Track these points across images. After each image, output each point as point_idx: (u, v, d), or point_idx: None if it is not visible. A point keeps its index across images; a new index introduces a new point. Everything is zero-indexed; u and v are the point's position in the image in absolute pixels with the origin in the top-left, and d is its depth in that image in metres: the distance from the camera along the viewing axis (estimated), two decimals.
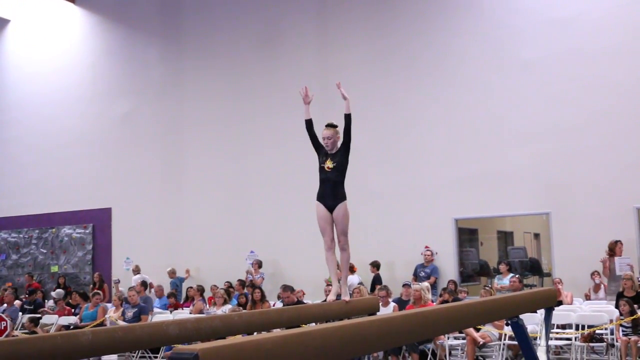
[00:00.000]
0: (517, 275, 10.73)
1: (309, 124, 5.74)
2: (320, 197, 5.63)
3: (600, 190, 11.41)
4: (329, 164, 5.56)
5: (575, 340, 8.99)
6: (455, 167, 12.42)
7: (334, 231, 5.59)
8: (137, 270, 14.90)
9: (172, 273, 14.55)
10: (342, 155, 5.55)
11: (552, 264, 11.69)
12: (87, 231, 16.31)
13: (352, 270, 12.32)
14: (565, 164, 11.68)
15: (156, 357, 10.65)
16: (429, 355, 9.18)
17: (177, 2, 15.82)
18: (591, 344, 9.03)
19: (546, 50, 12.02)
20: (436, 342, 9.16)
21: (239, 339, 2.62)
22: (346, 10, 13.82)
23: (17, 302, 13.41)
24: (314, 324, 5.76)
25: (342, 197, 5.58)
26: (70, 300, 13.48)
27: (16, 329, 11.80)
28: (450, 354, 9.27)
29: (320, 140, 5.63)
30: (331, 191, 5.56)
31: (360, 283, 11.66)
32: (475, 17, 12.70)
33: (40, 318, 12.26)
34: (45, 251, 16.85)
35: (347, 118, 5.55)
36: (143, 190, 15.54)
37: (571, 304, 10.20)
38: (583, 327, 9.07)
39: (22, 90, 17.59)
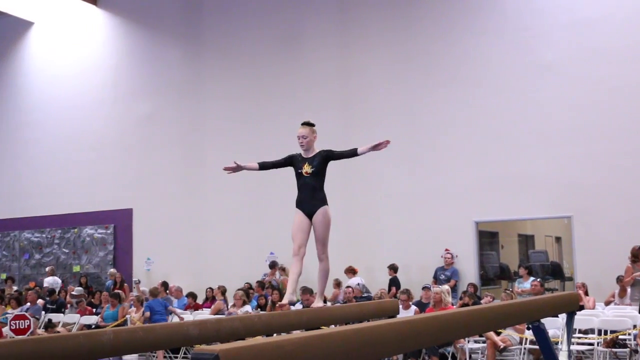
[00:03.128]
0: (538, 279, 10.66)
1: (264, 167, 5.59)
2: (299, 204, 5.38)
3: (623, 193, 11.30)
4: (307, 169, 5.34)
5: (598, 345, 8.91)
6: (476, 169, 12.36)
7: (306, 239, 5.28)
8: (51, 273, 15.51)
9: (112, 275, 15.01)
10: (320, 161, 5.32)
11: (573, 268, 11.58)
12: (109, 231, 16.44)
13: (353, 272, 12.34)
14: (587, 167, 11.58)
15: (176, 357, 10.71)
16: (449, 359, 9.14)
17: (198, 3, 15.90)
18: (614, 350, 8.94)
19: (569, 52, 11.92)
20: (456, 345, 9.12)
21: (259, 340, 2.62)
22: (367, 12, 13.80)
23: (40, 301, 13.55)
24: (333, 326, 5.76)
25: (323, 202, 5.33)
26: (92, 300, 13.59)
27: (39, 328, 11.93)
28: (470, 357, 9.23)
29: (284, 159, 5.44)
30: (310, 197, 5.32)
31: (358, 284, 11.65)
32: (497, 19, 12.63)
33: (52, 324, 12.29)
34: (67, 251, 17.00)
35: (354, 154, 5.32)
36: (164, 191, 15.63)
37: (593, 308, 10.09)
38: (606, 332, 8.98)
39: (46, 91, 17.76)
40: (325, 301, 9.66)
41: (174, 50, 16.09)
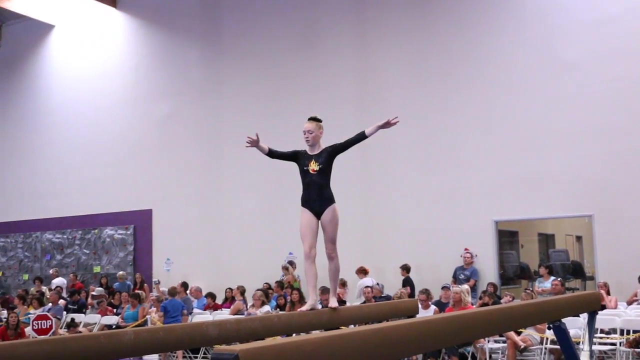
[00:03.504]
0: (559, 279, 10.58)
1: (272, 154, 5.44)
2: (306, 202, 5.19)
3: None
4: (313, 166, 5.16)
5: (620, 345, 8.82)
6: (495, 168, 12.29)
7: (316, 239, 5.15)
8: (55, 274, 16.11)
9: (121, 277, 15.57)
10: (327, 158, 5.18)
11: (595, 267, 11.49)
12: (129, 232, 16.55)
13: (365, 272, 12.35)
14: (608, 166, 11.47)
15: (196, 357, 10.76)
16: (469, 359, 9.10)
17: (216, 5, 15.96)
18: (636, 350, 8.84)
19: (589, 50, 11.82)
20: (476, 345, 9.08)
21: (278, 340, 2.63)
22: (386, 12, 13.76)
23: (61, 302, 13.67)
24: (352, 326, 5.76)
25: (330, 200, 5.17)
26: (112, 301, 13.68)
27: (61, 328, 12.04)
28: (490, 357, 9.17)
29: (290, 152, 5.34)
30: (317, 195, 5.14)
31: (378, 283, 11.66)
32: (517, 18, 12.54)
33: (74, 323, 12.42)
34: (88, 252, 17.14)
35: (362, 138, 5.26)
36: (183, 191, 15.70)
37: (615, 308, 10.00)
38: (628, 332, 8.89)
39: (66, 93, 17.92)
40: (344, 302, 9.58)
41: (192, 51, 16.16)
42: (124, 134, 16.72)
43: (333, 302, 5.24)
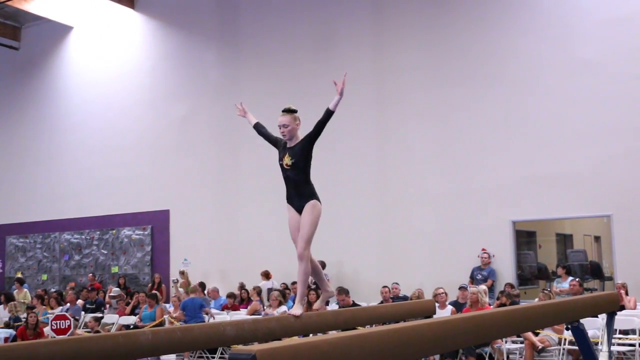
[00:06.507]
0: (577, 279, 10.51)
1: (257, 128, 5.34)
2: (288, 198, 4.94)
3: None
4: (287, 161, 4.85)
5: (639, 346, 8.75)
6: (513, 168, 12.23)
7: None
8: None
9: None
10: (302, 149, 4.82)
11: (613, 268, 11.40)
12: (146, 232, 16.63)
13: (267, 276, 12.64)
14: (627, 165, 11.38)
15: (213, 358, 10.80)
16: (486, 359, 9.07)
17: (233, 6, 16.00)
18: None
19: (607, 49, 11.73)
20: (494, 345, 9.04)
21: (295, 340, 2.63)
22: (403, 12, 13.72)
23: (79, 302, 13.77)
24: (370, 326, 5.75)
25: (310, 196, 4.85)
26: (130, 301, 13.75)
27: (79, 328, 12.13)
28: (508, 358, 9.14)
29: (274, 138, 5.13)
30: (295, 191, 4.86)
31: (271, 289, 11.95)
32: (534, 18, 12.47)
33: (102, 317, 12.58)
34: (106, 252, 17.24)
35: (329, 114, 4.85)
36: (200, 192, 15.76)
37: (634, 308, 9.92)
38: None
39: (84, 95, 18.04)
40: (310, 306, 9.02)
41: (209, 52, 16.22)
42: (141, 135, 16.80)
43: (297, 309, 4.74)
